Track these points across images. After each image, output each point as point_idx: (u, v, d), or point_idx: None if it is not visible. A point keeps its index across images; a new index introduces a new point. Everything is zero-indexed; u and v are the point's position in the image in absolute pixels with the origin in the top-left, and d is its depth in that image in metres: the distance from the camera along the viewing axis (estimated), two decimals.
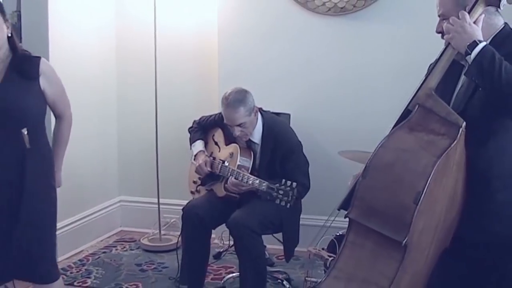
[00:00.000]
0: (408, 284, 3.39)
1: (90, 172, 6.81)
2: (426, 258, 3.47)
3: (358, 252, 3.43)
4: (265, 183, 4.98)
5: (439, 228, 3.46)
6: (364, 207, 3.41)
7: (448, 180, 3.38)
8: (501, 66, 3.23)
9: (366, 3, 6.16)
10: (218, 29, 6.71)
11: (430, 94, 3.44)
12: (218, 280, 5.91)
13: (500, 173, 3.48)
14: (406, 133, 3.43)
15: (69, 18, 6.43)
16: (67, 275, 6.07)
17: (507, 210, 3.50)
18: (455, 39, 3.38)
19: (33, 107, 3.93)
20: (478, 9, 3.43)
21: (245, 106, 5.22)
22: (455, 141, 3.30)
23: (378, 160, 3.41)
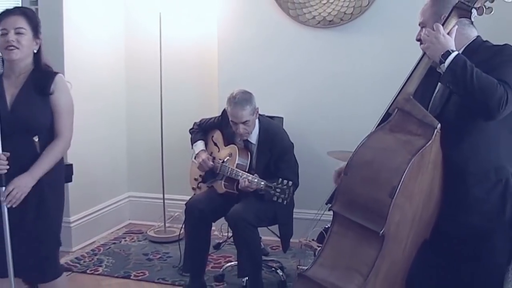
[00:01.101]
0: (387, 272, 3.40)
1: (102, 171, 6.82)
2: (403, 248, 3.47)
3: (341, 241, 3.44)
4: (263, 182, 4.99)
5: (416, 222, 3.47)
6: (346, 200, 3.43)
7: (424, 177, 3.40)
8: (472, 73, 3.24)
9: (352, 17, 6.17)
10: (218, 40, 6.71)
11: (408, 98, 3.47)
12: (218, 268, 5.90)
13: (475, 170, 3.49)
14: (385, 133, 3.45)
15: (82, 30, 6.45)
16: (81, 264, 6.08)
17: (482, 205, 3.51)
18: (430, 49, 3.40)
19: (42, 119, 3.91)
20: (452, 21, 3.46)
21: (251, 105, 5.25)
22: (430, 141, 3.33)
23: (358, 158, 3.43)
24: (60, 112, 3.99)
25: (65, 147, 4.05)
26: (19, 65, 3.89)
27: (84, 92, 6.22)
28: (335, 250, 3.44)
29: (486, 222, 3.53)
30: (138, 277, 5.83)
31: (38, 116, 3.89)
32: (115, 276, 5.86)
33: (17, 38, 3.81)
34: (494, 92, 3.24)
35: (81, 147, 5.92)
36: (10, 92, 3.87)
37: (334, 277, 3.35)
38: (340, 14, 6.20)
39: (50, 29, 6.03)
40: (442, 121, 3.38)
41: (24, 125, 3.84)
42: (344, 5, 6.17)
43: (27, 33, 3.86)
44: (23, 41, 3.83)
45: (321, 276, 3.38)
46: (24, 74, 3.93)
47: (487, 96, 3.24)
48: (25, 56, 3.89)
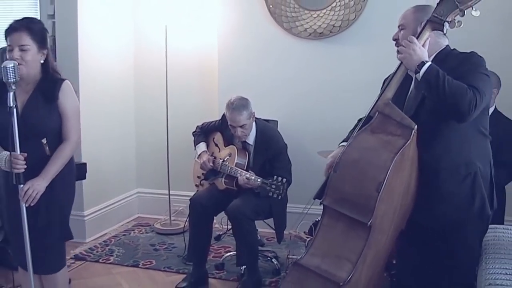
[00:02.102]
0: (372, 259, 3.45)
1: (112, 169, 6.82)
2: (386, 238, 3.52)
3: (331, 233, 3.46)
4: (260, 179, 5.03)
5: (396, 214, 3.52)
6: (336, 195, 3.44)
7: (403, 173, 3.45)
8: (444, 81, 3.31)
9: (340, 30, 6.19)
10: (218, 50, 6.72)
11: (388, 103, 3.52)
12: (218, 257, 5.90)
13: (447, 165, 3.56)
14: (368, 135, 3.48)
15: (95, 41, 6.46)
16: (93, 254, 6.09)
17: (453, 197, 3.57)
18: (406, 59, 3.46)
19: (50, 123, 3.89)
20: (426, 33, 3.52)
21: (247, 110, 5.25)
22: (408, 140, 3.38)
23: (346, 157, 3.45)
24: (67, 116, 3.96)
25: (72, 148, 4.01)
26: (28, 76, 3.85)
27: (96, 97, 6.24)
28: (326, 240, 3.46)
29: (457, 212, 3.59)
30: (145, 265, 5.84)
31: (45, 121, 3.87)
32: (125, 264, 5.87)
33: (21, 55, 3.76)
34: (465, 96, 3.31)
35: (93, 147, 5.94)
36: (21, 99, 3.84)
37: (325, 265, 3.38)
38: (329, 27, 6.22)
39: (66, 40, 6.09)
40: (417, 121, 3.45)
41: (33, 129, 3.82)
42: (333, 18, 6.19)
43: (31, 49, 3.80)
44: (27, 57, 3.78)
45: (314, 264, 3.41)
46: (32, 83, 3.91)
47: (458, 100, 3.31)
48: (31, 69, 3.84)
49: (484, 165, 3.62)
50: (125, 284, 5.44)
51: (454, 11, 3.49)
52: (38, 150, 3.84)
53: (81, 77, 5.91)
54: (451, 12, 3.49)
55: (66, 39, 6.11)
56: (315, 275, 3.38)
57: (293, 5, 6.32)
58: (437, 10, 3.51)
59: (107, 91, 6.63)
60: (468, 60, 3.55)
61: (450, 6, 3.49)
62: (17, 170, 3.67)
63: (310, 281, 3.40)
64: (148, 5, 6.95)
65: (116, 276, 5.61)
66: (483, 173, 3.61)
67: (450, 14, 3.49)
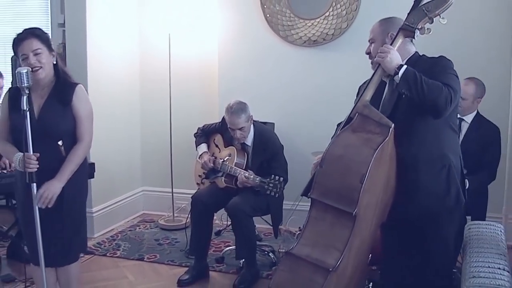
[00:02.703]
0: (358, 248, 3.49)
1: (119, 168, 6.83)
2: (370, 227, 3.57)
3: (319, 224, 3.49)
4: (258, 178, 5.06)
5: (378, 205, 3.57)
6: (322, 188, 3.48)
7: (383, 168, 3.50)
8: (421, 80, 3.40)
9: (333, 38, 6.22)
10: (218, 57, 6.74)
11: (366, 104, 3.58)
12: (218, 252, 5.93)
13: (423, 159, 3.62)
14: (350, 133, 3.53)
15: (103, 48, 6.48)
16: (101, 248, 6.12)
17: (430, 188, 3.63)
18: (385, 63, 3.51)
19: (65, 126, 3.90)
20: (399, 40, 3.62)
21: (245, 114, 5.28)
22: (387, 137, 3.44)
23: (330, 153, 3.50)
24: (81, 119, 3.97)
25: (86, 149, 4.03)
26: (44, 80, 3.87)
27: (104, 101, 6.24)
28: (315, 231, 3.50)
29: (435, 202, 3.65)
30: (150, 259, 5.85)
31: (61, 123, 3.89)
32: (131, 258, 5.89)
33: (37, 59, 3.78)
34: (441, 92, 3.40)
35: (101, 148, 5.94)
36: (37, 103, 3.86)
37: (315, 253, 3.41)
38: (323, 35, 6.25)
39: (75, 47, 6.11)
40: (393, 121, 3.50)
41: (49, 132, 3.83)
42: (326, 27, 6.22)
43: (44, 51, 3.82)
44: (42, 59, 3.80)
45: (304, 253, 3.44)
46: (48, 87, 3.92)
47: (435, 96, 3.40)
48: (49, 72, 3.87)
49: (455, 158, 3.70)
50: (131, 277, 5.45)
51: (423, 19, 3.60)
52: (54, 152, 3.86)
53: (89, 82, 5.92)
54: (420, 20, 3.60)
55: (76, 46, 6.13)
56: (306, 263, 3.42)
57: (289, 15, 6.34)
58: (408, 19, 3.62)
59: (114, 95, 6.65)
60: (438, 62, 3.65)
61: (420, 14, 3.60)
62: (30, 169, 3.67)
63: (301, 269, 3.43)
64: (153, 14, 6.96)
65: (122, 269, 5.63)
66: (455, 165, 3.68)
67: (420, 22, 3.60)
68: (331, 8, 6.20)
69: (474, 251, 3.99)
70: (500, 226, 4.58)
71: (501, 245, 4.14)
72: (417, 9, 3.63)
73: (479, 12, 5.91)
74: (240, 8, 6.59)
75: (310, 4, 6.29)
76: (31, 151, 3.67)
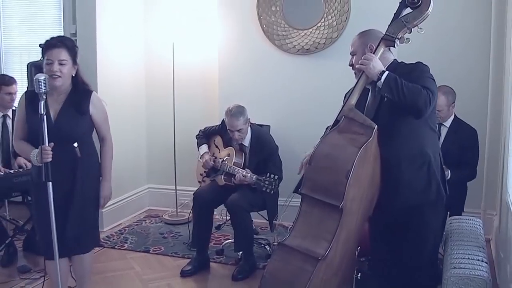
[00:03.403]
0: (345, 239, 3.53)
1: (126, 167, 6.77)
2: (356, 220, 3.60)
3: (309, 217, 3.53)
4: (255, 176, 5.08)
5: (363, 200, 3.61)
6: (312, 184, 3.53)
7: (368, 166, 3.55)
8: (402, 83, 3.45)
9: (324, 46, 6.22)
10: (219, 64, 6.74)
11: (352, 108, 3.63)
12: (218, 244, 5.94)
13: (406, 156, 3.66)
14: (336, 134, 3.58)
15: (111, 56, 6.49)
16: (110, 241, 6.12)
17: (412, 183, 3.66)
18: (368, 69, 3.56)
19: (80, 130, 3.96)
20: (380, 49, 3.68)
21: (243, 117, 5.31)
22: (371, 137, 3.48)
23: (318, 152, 3.55)
24: (100, 123, 4.07)
25: (111, 145, 4.20)
26: (61, 88, 3.91)
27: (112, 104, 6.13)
28: (305, 223, 3.53)
29: (417, 196, 3.69)
30: (155, 251, 5.87)
31: (76, 128, 3.92)
32: (137, 250, 5.91)
33: (60, 68, 3.82)
34: (420, 94, 3.46)
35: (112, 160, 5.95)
36: (54, 108, 3.89)
37: (306, 244, 3.46)
38: (315, 44, 6.25)
39: (86, 55, 6.05)
40: (377, 122, 3.55)
41: (65, 135, 3.86)
42: (318, 37, 6.22)
43: (68, 63, 3.87)
44: (64, 70, 3.85)
45: (296, 244, 3.49)
46: (64, 94, 3.95)
47: (415, 98, 3.46)
48: (66, 80, 3.91)
49: (434, 155, 3.74)
50: (137, 268, 5.46)
51: (403, 29, 3.66)
52: (70, 153, 3.88)
53: (99, 87, 5.91)
54: (400, 31, 3.66)
55: (86, 55, 6.07)
56: (297, 252, 3.46)
57: (284, 25, 6.35)
58: (389, 30, 3.68)
59: (121, 99, 6.62)
60: (416, 68, 3.70)
61: (399, 25, 3.66)
62: (46, 159, 3.66)
63: (292, 258, 3.47)
64: (157, 25, 6.94)
65: (129, 261, 5.65)
66: (435, 161, 3.72)
67: (399, 32, 3.66)
68: (323, 19, 6.20)
69: (455, 244, 4.01)
70: (479, 221, 4.60)
71: (480, 238, 4.16)
72: (396, 21, 3.70)
73: (458, 21, 5.95)
74: (238, 19, 6.59)
75: (303, 15, 6.28)
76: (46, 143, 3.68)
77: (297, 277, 3.40)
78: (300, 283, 3.37)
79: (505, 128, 5.28)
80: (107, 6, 6.38)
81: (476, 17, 5.95)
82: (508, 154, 5.01)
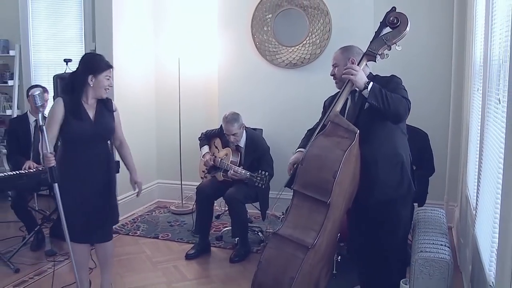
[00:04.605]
0: (330, 229, 3.50)
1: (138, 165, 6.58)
2: (340, 212, 3.57)
3: (300, 210, 3.49)
4: (249, 173, 5.07)
5: (346, 195, 3.58)
6: (303, 182, 3.48)
7: (350, 165, 3.51)
8: (386, 93, 3.43)
9: (309, 61, 6.23)
10: (218, 76, 6.72)
11: (337, 114, 3.58)
12: (218, 231, 5.91)
13: (382, 156, 3.63)
14: (324, 138, 3.53)
15: (126, 69, 6.45)
16: (125, 229, 6.11)
17: (387, 180, 3.64)
18: (356, 79, 3.50)
19: (113, 128, 4.00)
20: (363, 63, 3.64)
21: (238, 123, 5.30)
22: (353, 141, 3.44)
23: (309, 154, 3.50)
24: (118, 124, 4.09)
25: (129, 147, 4.24)
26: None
27: (126, 111, 6.17)
28: (296, 216, 3.50)
29: (392, 191, 3.66)
30: (164, 237, 5.86)
31: (110, 124, 3.97)
32: (148, 236, 5.88)
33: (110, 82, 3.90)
34: (401, 103, 3.45)
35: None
36: (91, 112, 3.87)
37: (297, 233, 3.42)
38: (301, 59, 6.24)
39: None
40: (357, 127, 3.51)
41: (102, 133, 3.92)
42: (304, 52, 6.22)
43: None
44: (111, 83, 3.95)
45: (288, 233, 3.45)
46: (94, 100, 3.91)
47: (397, 106, 3.43)
48: None
49: (406, 155, 3.71)
50: (148, 251, 5.44)
51: (383, 46, 3.62)
52: (106, 148, 3.99)
53: (116, 97, 5.88)
54: (381, 47, 3.62)
55: None
56: (289, 241, 3.42)
57: (274, 43, 6.34)
58: (371, 46, 3.64)
59: (135, 107, 6.60)
60: (392, 80, 3.67)
61: (380, 43, 3.63)
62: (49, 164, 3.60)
63: (285, 246, 3.43)
64: (165, 42, 6.94)
65: (141, 245, 5.63)
66: (406, 161, 3.69)
67: (380, 48, 3.62)
68: (308, 38, 6.19)
69: (422, 231, 3.99)
70: (442, 211, 4.60)
71: (443, 226, 4.16)
72: (378, 39, 3.66)
73: (425, 40, 5.94)
74: (235, 38, 6.58)
75: (291, 34, 6.27)
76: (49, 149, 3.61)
77: (290, 263, 3.38)
78: (292, 268, 3.35)
79: (465, 133, 5.34)
80: (122, 26, 6.36)
81: (439, 38, 5.96)
82: (467, 154, 5.03)
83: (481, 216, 3.69)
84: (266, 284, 3.44)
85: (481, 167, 3.79)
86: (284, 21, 6.30)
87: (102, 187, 3.93)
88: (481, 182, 3.78)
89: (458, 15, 5.75)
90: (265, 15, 6.36)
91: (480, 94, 4.16)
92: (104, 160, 3.94)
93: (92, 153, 3.83)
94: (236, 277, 4.85)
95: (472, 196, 4.36)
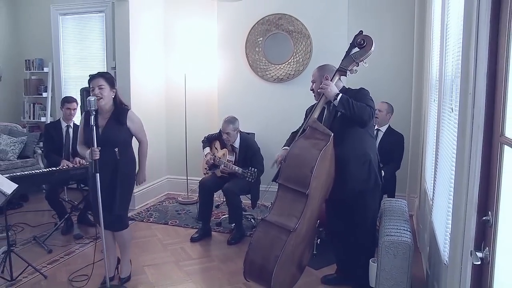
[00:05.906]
0: (309, 215, 3.52)
1: (151, 163, 6.65)
2: (317, 202, 3.57)
3: (284, 200, 3.50)
4: (241, 169, 5.07)
5: (323, 187, 3.59)
6: (286, 176, 3.49)
7: (326, 163, 3.52)
8: (352, 102, 3.47)
9: (294, 76, 6.22)
10: (218, 89, 6.70)
11: (315, 120, 3.61)
12: (217, 219, 5.89)
13: (353, 156, 3.64)
14: (304, 140, 3.55)
15: (141, 84, 6.44)
16: (140, 216, 6.08)
17: (357, 176, 3.65)
18: (328, 92, 3.56)
19: (120, 138, 3.91)
20: (336, 78, 3.67)
21: (233, 125, 5.34)
22: (328, 142, 3.47)
23: (291, 153, 3.52)
24: (136, 132, 4.04)
25: (146, 146, 4.16)
26: (105, 107, 3.89)
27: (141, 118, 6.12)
28: (280, 205, 3.50)
29: (361, 185, 3.67)
30: (172, 224, 5.82)
31: (117, 136, 3.89)
32: (159, 223, 5.85)
33: (100, 92, 3.81)
34: (365, 110, 3.47)
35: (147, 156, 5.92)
36: (102, 123, 3.87)
37: (281, 219, 3.43)
38: (287, 75, 6.23)
39: (123, 83, 6.10)
40: (332, 131, 3.53)
41: (109, 141, 3.84)
42: (289, 69, 6.21)
43: (106, 87, 3.84)
44: (104, 92, 3.83)
45: (274, 219, 3.46)
46: (109, 112, 3.92)
47: (362, 113, 3.46)
48: (108, 101, 3.88)
49: (373, 155, 3.71)
50: (159, 235, 5.43)
51: (352, 63, 3.66)
52: (112, 155, 3.87)
53: (132, 107, 5.82)
54: (350, 64, 3.66)
55: (123, 83, 6.09)
56: (275, 226, 3.43)
57: (264, 61, 6.33)
58: (342, 63, 3.68)
59: (148, 115, 6.55)
60: (360, 91, 3.68)
61: (350, 60, 3.66)
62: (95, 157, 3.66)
63: (272, 230, 3.45)
64: (174, 61, 6.93)
65: (154, 230, 5.60)
66: (374, 160, 3.70)
67: (350, 65, 3.66)
68: (292, 57, 6.18)
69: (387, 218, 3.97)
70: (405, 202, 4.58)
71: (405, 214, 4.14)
72: (348, 57, 3.69)
73: (389, 59, 5.95)
74: (232, 57, 6.57)
75: (278, 54, 6.26)
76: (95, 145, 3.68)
77: (275, 243, 3.38)
78: (277, 248, 3.36)
79: (423, 136, 5.34)
80: (137, 47, 6.34)
81: (402, 57, 5.97)
82: (425, 153, 5.02)
83: (437, 206, 3.69)
84: (256, 261, 3.44)
85: (437, 165, 3.79)
86: (273, 43, 6.28)
87: (111, 185, 3.88)
88: (436, 177, 3.78)
89: (417, 37, 5.77)
90: (257, 38, 6.36)
91: (436, 104, 4.17)
92: (110, 163, 3.86)
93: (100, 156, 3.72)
94: (233, 256, 4.84)
95: (429, 189, 4.37)
